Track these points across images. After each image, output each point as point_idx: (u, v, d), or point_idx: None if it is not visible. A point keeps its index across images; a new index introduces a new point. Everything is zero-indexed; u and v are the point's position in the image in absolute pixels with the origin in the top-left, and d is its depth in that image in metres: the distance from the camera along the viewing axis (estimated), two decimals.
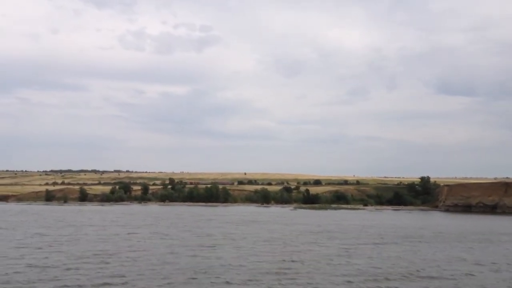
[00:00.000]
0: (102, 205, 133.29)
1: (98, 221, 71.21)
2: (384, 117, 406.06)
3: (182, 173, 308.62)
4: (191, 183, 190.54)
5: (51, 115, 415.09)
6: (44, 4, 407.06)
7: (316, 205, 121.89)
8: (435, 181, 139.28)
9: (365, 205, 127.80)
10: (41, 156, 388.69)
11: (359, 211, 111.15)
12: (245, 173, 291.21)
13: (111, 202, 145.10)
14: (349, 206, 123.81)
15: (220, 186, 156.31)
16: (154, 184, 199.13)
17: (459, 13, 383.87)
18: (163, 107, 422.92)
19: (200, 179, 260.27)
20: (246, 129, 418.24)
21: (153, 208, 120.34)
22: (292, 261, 32.14)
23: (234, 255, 34.72)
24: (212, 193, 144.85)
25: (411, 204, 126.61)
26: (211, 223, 67.46)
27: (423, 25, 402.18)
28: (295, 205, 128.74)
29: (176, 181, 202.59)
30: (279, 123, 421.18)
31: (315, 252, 37.41)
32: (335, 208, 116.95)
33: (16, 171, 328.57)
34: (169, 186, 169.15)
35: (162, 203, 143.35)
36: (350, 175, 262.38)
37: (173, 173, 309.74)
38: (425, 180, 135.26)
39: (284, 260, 32.52)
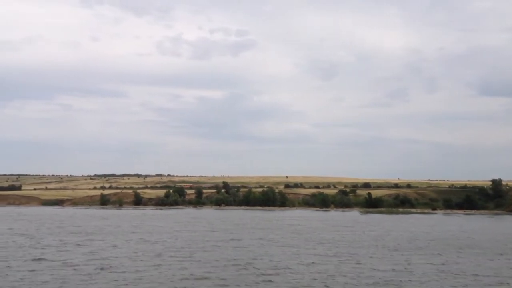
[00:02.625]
0: (161, 209, 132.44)
1: (180, 225, 69.10)
2: (423, 119, 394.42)
3: (223, 176, 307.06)
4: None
5: (92, 121, 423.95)
6: (84, 13, 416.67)
7: (383, 209, 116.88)
8: (506, 184, 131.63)
9: (434, 209, 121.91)
10: (84, 161, 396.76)
11: (431, 215, 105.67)
12: (286, 177, 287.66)
13: (166, 206, 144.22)
14: (418, 210, 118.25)
15: (277, 190, 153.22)
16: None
17: (501, 13, 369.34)
18: (200, 111, 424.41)
19: (242, 182, 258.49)
20: (283, 133, 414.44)
21: (212, 212, 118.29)
22: None
23: (393, 267, 31.28)
24: (268, 196, 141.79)
25: (483, 208, 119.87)
26: (297, 228, 64.27)
27: (463, 26, 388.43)
28: (359, 209, 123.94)
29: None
30: (316, 126, 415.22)
31: None
32: (403, 213, 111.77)
33: (62, 175, 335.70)
34: (223, 190, 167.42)
35: (217, 207, 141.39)
36: (393, 178, 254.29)
37: (214, 176, 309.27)
38: (496, 183, 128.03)
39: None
